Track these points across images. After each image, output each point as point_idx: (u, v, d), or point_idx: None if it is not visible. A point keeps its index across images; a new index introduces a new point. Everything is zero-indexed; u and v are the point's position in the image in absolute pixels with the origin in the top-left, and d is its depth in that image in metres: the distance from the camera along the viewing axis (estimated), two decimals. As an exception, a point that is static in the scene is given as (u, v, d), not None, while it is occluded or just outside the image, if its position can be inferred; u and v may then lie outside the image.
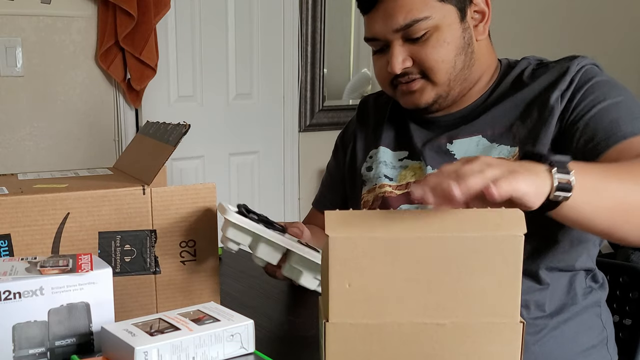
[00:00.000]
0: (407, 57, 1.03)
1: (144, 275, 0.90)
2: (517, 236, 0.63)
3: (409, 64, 1.03)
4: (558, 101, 0.97)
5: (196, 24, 2.59)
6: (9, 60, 2.21)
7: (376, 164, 1.14)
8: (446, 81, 1.03)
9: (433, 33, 1.00)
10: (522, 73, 1.06)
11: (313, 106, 2.97)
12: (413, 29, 1.00)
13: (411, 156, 1.11)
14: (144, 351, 0.63)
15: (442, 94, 1.05)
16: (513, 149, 1.00)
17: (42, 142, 2.32)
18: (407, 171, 1.10)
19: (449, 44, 1.01)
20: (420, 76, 1.04)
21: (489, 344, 0.65)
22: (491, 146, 1.02)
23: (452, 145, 1.06)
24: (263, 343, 0.74)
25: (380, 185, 1.11)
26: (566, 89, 0.98)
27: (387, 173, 1.12)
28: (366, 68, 3.21)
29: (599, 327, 1.05)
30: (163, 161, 0.91)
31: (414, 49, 1.02)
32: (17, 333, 0.69)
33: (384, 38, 1.04)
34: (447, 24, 1.01)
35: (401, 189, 1.09)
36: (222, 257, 1.34)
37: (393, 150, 1.15)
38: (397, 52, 1.02)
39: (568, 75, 0.99)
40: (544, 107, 0.99)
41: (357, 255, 0.64)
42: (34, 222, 0.84)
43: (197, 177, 2.68)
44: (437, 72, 1.02)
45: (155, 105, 2.50)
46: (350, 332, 0.65)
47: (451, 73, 1.03)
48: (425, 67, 1.02)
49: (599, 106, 0.94)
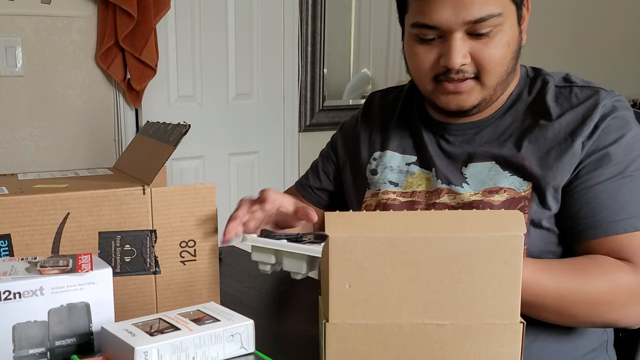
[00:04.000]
0: (466, 52, 0.96)
1: (144, 275, 0.90)
2: (517, 236, 0.63)
3: (468, 60, 0.96)
4: (579, 148, 0.95)
5: (196, 24, 2.59)
6: (9, 60, 2.22)
7: (382, 168, 1.11)
8: (495, 85, 0.99)
9: (498, 32, 0.95)
10: (544, 92, 1.02)
11: (313, 106, 2.97)
12: (483, 24, 0.93)
13: (420, 163, 1.09)
14: (144, 351, 0.63)
15: (486, 98, 1.00)
16: (526, 183, 0.98)
17: (42, 142, 2.32)
18: (414, 179, 1.08)
19: (509, 45, 0.97)
20: (473, 76, 0.98)
21: (489, 344, 0.65)
22: (503, 174, 1.00)
23: (466, 169, 1.03)
24: (263, 343, 0.74)
25: (384, 191, 1.09)
26: (588, 138, 0.95)
27: (392, 179, 1.10)
28: (366, 68, 3.21)
29: (599, 330, 1.05)
30: (163, 161, 0.91)
31: (475, 45, 0.95)
32: (17, 333, 0.69)
33: (447, 28, 0.94)
34: (510, 25, 0.96)
35: (405, 196, 1.07)
36: (222, 257, 1.34)
37: (401, 154, 1.11)
38: (459, 46, 0.94)
39: (591, 122, 0.96)
40: (565, 152, 0.96)
41: (357, 256, 0.64)
42: (34, 222, 0.84)
43: (197, 177, 2.68)
44: (492, 74, 0.97)
45: (155, 105, 2.50)
46: (350, 333, 0.66)
47: (501, 77, 0.99)
48: (482, 67, 0.96)
49: (612, 180, 0.94)
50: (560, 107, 1.00)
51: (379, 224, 0.64)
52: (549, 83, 1.03)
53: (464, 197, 1.01)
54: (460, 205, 1.01)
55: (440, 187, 1.04)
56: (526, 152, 0.99)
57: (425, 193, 1.06)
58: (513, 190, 0.98)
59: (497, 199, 0.99)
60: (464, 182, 1.02)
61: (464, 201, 1.01)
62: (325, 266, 0.65)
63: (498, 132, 1.03)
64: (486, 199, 0.99)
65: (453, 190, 1.03)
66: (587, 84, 1.02)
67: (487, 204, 0.98)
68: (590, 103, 0.98)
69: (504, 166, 1.00)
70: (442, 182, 1.04)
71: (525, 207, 0.97)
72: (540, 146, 0.98)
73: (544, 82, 1.04)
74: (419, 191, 1.07)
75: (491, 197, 0.99)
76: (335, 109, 3.02)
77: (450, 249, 0.63)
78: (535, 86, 1.04)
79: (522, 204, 0.98)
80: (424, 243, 0.63)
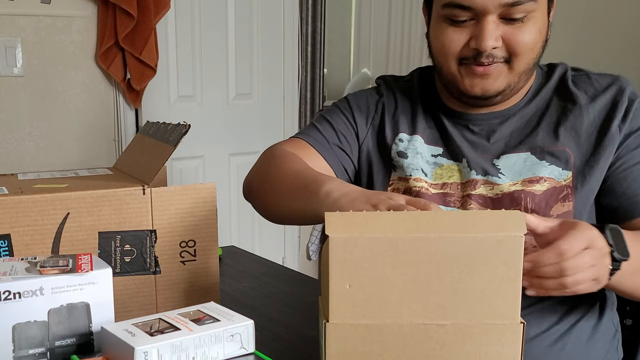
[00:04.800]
0: (499, 36, 0.95)
1: (144, 275, 0.90)
2: (518, 236, 0.63)
3: (499, 44, 0.95)
4: (617, 131, 0.97)
5: (196, 24, 2.59)
6: (9, 60, 2.22)
7: (413, 152, 1.06)
8: (522, 71, 0.98)
9: (531, 18, 0.94)
10: (565, 79, 1.04)
11: (313, 106, 2.97)
12: (518, 8, 0.93)
13: (448, 155, 1.05)
14: (144, 351, 0.63)
15: (511, 84, 0.99)
16: (565, 172, 0.98)
17: (42, 142, 2.32)
18: (443, 170, 1.05)
19: (541, 33, 0.96)
20: (502, 60, 0.97)
21: (490, 344, 0.65)
22: (540, 164, 0.99)
23: (498, 161, 1.01)
24: (263, 343, 0.74)
25: (416, 178, 1.04)
26: (622, 121, 0.98)
27: (423, 167, 1.05)
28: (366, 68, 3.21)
29: (613, 329, 1.06)
30: (163, 161, 0.91)
31: (507, 30, 0.95)
32: (17, 333, 0.69)
33: (481, 9, 0.93)
34: (542, 13, 0.96)
35: (436, 187, 1.04)
36: (222, 257, 1.34)
37: (427, 144, 1.07)
38: (492, 28, 0.94)
39: (622, 105, 0.98)
40: (604, 134, 0.97)
41: (358, 256, 0.64)
42: (34, 222, 0.84)
43: (197, 177, 2.68)
44: (522, 59, 0.96)
45: (155, 105, 2.50)
46: (351, 333, 0.65)
47: (529, 64, 0.98)
48: (514, 51, 0.95)
49: None
50: (585, 92, 1.01)
51: (379, 224, 0.64)
52: (567, 71, 1.04)
53: (502, 187, 0.99)
54: (500, 196, 0.99)
55: (475, 178, 1.01)
56: (565, 140, 0.99)
57: (458, 185, 1.03)
58: (553, 180, 0.98)
59: (538, 188, 0.98)
60: (500, 173, 1.00)
61: (504, 192, 0.99)
62: (326, 266, 0.65)
63: (524, 120, 1.02)
64: (527, 189, 0.98)
65: (490, 181, 1.00)
66: (600, 72, 1.04)
67: (529, 193, 0.97)
68: (616, 88, 1.00)
69: (540, 155, 0.99)
70: (476, 172, 1.02)
71: (569, 195, 0.97)
72: (578, 132, 0.99)
73: (562, 69, 1.05)
74: (450, 183, 1.04)
75: (532, 187, 0.98)
76: (335, 109, 3.02)
77: (451, 249, 0.63)
78: (554, 75, 1.05)
79: (564, 193, 0.97)
80: (424, 243, 0.63)
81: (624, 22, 3.45)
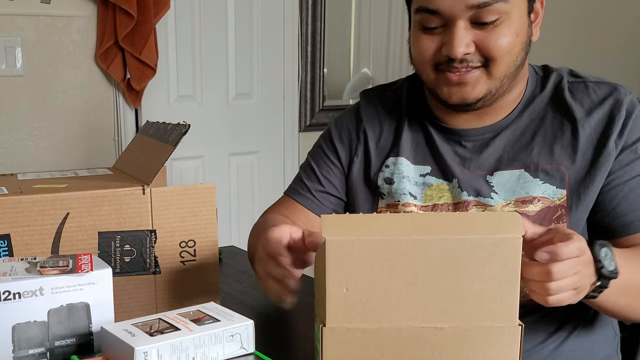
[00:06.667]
0: (470, 42, 0.91)
1: (143, 276, 0.90)
2: (516, 238, 0.63)
3: (471, 49, 0.91)
4: (614, 148, 0.94)
5: (196, 24, 2.59)
6: (9, 60, 2.22)
7: (398, 177, 1.03)
8: (502, 76, 0.94)
9: (505, 20, 0.90)
10: (560, 88, 1.00)
11: (313, 106, 2.97)
12: (487, 10, 0.89)
13: (438, 173, 1.02)
14: (144, 351, 0.64)
15: (492, 90, 0.95)
16: (560, 191, 0.95)
17: (42, 142, 2.32)
18: (432, 191, 1.02)
19: (518, 35, 0.92)
20: (479, 65, 0.93)
21: (488, 347, 0.65)
22: (534, 182, 0.96)
23: (491, 177, 0.99)
24: (263, 343, 0.74)
25: (405, 203, 1.02)
26: (619, 136, 0.94)
27: (412, 190, 1.02)
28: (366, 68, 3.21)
29: (612, 333, 1.05)
30: (163, 161, 0.91)
31: (480, 34, 0.91)
32: (17, 333, 0.69)
33: (449, 14, 0.90)
34: (519, 14, 0.92)
35: (427, 209, 1.01)
36: (222, 257, 1.34)
37: (413, 164, 1.04)
38: (461, 35, 0.90)
39: (619, 119, 0.94)
40: (600, 152, 0.94)
41: (355, 259, 0.63)
42: (33, 222, 0.85)
43: (197, 177, 2.68)
44: (499, 64, 0.92)
45: (155, 105, 2.50)
46: (348, 337, 0.65)
47: (509, 68, 0.93)
48: (489, 56, 0.92)
49: None
50: (582, 104, 0.97)
51: (376, 227, 0.64)
52: (563, 79, 1.00)
53: (495, 208, 0.96)
54: None
55: (467, 199, 0.98)
56: (560, 158, 0.96)
57: (449, 206, 1.00)
58: (547, 199, 0.95)
59: (531, 209, 0.95)
60: (492, 192, 0.97)
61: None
62: (322, 269, 0.65)
63: (517, 133, 0.99)
64: (520, 210, 0.95)
65: (482, 202, 0.98)
66: (599, 80, 1.00)
67: (522, 215, 0.91)
68: (613, 100, 0.96)
69: (534, 173, 0.96)
70: (468, 193, 0.99)
71: (563, 216, 0.95)
72: (574, 149, 0.96)
73: (557, 77, 1.01)
74: (441, 204, 1.01)
75: (525, 208, 0.95)
76: (335, 109, 3.02)
77: (448, 252, 0.63)
78: (549, 83, 1.00)
79: (558, 213, 0.95)
80: (421, 246, 0.63)
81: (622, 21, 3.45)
